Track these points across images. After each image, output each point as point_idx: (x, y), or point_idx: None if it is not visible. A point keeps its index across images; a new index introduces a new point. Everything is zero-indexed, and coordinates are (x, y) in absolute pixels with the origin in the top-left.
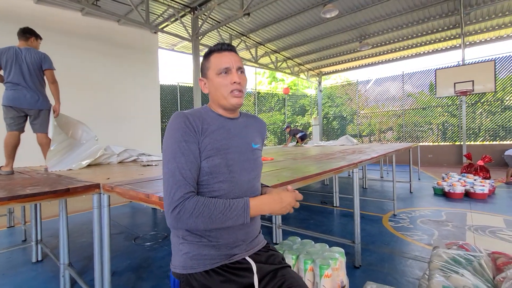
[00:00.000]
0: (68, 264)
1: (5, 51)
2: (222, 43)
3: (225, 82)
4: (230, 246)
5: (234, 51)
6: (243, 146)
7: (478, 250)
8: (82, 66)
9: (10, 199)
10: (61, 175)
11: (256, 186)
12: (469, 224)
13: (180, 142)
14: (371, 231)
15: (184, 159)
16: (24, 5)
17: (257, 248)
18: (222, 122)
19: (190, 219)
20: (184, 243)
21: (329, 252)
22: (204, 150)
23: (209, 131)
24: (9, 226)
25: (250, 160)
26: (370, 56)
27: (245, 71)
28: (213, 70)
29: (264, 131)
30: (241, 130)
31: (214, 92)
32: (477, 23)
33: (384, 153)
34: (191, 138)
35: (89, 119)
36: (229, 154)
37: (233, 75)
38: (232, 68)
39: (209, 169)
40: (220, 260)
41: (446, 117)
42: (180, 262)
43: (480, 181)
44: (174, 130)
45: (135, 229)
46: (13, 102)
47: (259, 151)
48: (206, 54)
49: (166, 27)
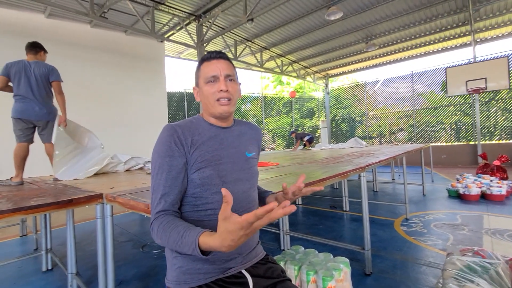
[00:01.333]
0: (75, 273)
1: (14, 64)
2: (212, 51)
3: (212, 90)
4: (225, 260)
5: (224, 58)
6: (236, 156)
7: (495, 256)
8: (91, 77)
9: (13, 211)
10: (67, 184)
11: (252, 196)
12: (486, 227)
13: (164, 158)
14: (383, 236)
15: (165, 175)
16: (35, 19)
17: (255, 261)
18: (214, 132)
19: (157, 238)
20: (178, 257)
21: (333, 262)
22: (194, 162)
23: (199, 143)
24: (22, 235)
25: (244, 170)
26: (377, 56)
27: (236, 78)
28: (202, 79)
29: (259, 138)
30: (234, 139)
31: (204, 101)
32: (487, 19)
33: (394, 156)
34: (176, 152)
35: (98, 127)
36: (221, 164)
37: (220, 83)
38: (220, 76)
39: (200, 181)
40: (214, 274)
41: (459, 116)
42: (173, 277)
43: (497, 182)
44: (160, 144)
45: (143, 237)
46: (21, 114)
47: (254, 159)
48: (198, 63)
49: (171, 35)
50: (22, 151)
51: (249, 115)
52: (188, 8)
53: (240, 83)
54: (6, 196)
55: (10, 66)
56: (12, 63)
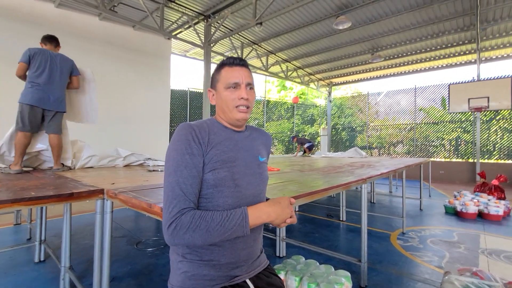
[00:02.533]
0: (69, 267)
1: (39, 53)
2: (235, 57)
3: (233, 97)
4: (231, 267)
5: (246, 66)
6: (249, 159)
7: (494, 279)
8: (96, 69)
9: (14, 201)
10: (68, 177)
11: (261, 201)
12: (483, 247)
13: (183, 155)
14: (378, 249)
15: (186, 172)
16: (45, 8)
17: (259, 270)
18: (229, 134)
19: (186, 233)
20: (184, 261)
21: (335, 275)
22: (209, 162)
23: (215, 142)
24: (16, 224)
25: (256, 174)
26: (381, 68)
27: (254, 87)
28: (222, 83)
29: (269, 145)
30: (247, 142)
31: (221, 105)
32: (494, 39)
33: (395, 169)
34: (195, 150)
35: (100, 119)
36: (235, 167)
37: (241, 91)
38: (242, 83)
39: (214, 181)
40: (220, 282)
41: (459, 132)
42: (178, 281)
43: (495, 201)
44: (178, 142)
45: (138, 234)
46: (38, 102)
47: (265, 164)
48: (218, 66)
49: (179, 33)
50: (27, 140)
51: (250, 118)
52: (198, 8)
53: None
54: (6, 185)
55: (34, 53)
56: (36, 51)
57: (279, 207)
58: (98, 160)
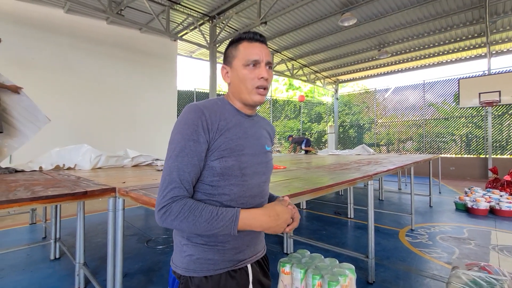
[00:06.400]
0: (83, 263)
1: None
2: (255, 32)
3: (252, 76)
4: (236, 251)
5: (266, 43)
6: (257, 147)
7: (502, 273)
8: (105, 72)
9: (32, 200)
10: (80, 176)
11: (266, 190)
12: (494, 243)
13: (188, 141)
14: (387, 246)
15: (187, 160)
16: (55, 14)
17: (260, 255)
18: (240, 119)
19: (175, 221)
20: (189, 244)
21: (339, 268)
22: (217, 149)
23: (225, 128)
24: (31, 223)
25: (262, 163)
26: (389, 64)
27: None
28: (240, 60)
29: (273, 135)
30: (256, 130)
31: (237, 84)
32: (504, 32)
33: (402, 165)
34: (201, 138)
35: (109, 122)
36: (243, 156)
37: (262, 70)
38: (262, 61)
39: (221, 170)
40: (223, 267)
41: (470, 128)
42: (183, 263)
43: (507, 197)
44: (185, 125)
45: (148, 232)
46: None
47: (271, 153)
48: (234, 40)
49: (185, 35)
50: None
51: None
52: (202, 9)
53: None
54: (23, 185)
55: None
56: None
57: (274, 219)
58: (107, 160)
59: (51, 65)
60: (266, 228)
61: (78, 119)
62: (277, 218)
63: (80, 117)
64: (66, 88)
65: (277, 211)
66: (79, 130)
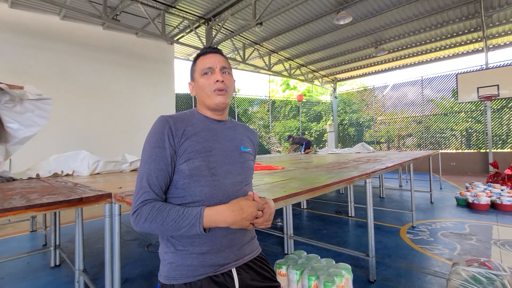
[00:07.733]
0: (83, 270)
1: None
2: (208, 46)
3: (209, 82)
4: (214, 255)
5: (219, 53)
6: (229, 148)
7: (502, 268)
8: (102, 77)
9: (27, 208)
10: (77, 183)
11: (244, 191)
12: (495, 238)
13: (154, 148)
14: (388, 244)
15: (154, 165)
16: (50, 21)
17: (249, 258)
18: (208, 124)
19: (145, 223)
20: (168, 252)
21: (335, 268)
22: (184, 152)
23: (191, 133)
24: (32, 231)
25: (236, 163)
26: (386, 61)
27: (231, 71)
28: (198, 72)
29: (256, 141)
30: (228, 132)
31: (200, 93)
32: (500, 25)
33: (401, 162)
34: (166, 144)
35: (107, 127)
36: (212, 156)
37: (216, 74)
38: (216, 68)
39: (189, 171)
40: (203, 272)
41: (470, 123)
42: (164, 272)
43: (508, 191)
44: (152, 134)
45: (149, 236)
46: None
47: (249, 155)
48: (194, 59)
49: (181, 38)
50: None
51: (256, 118)
52: (198, 12)
53: (235, 80)
54: (20, 193)
55: None
56: None
57: (238, 213)
58: (105, 165)
59: (48, 72)
60: (231, 223)
61: (76, 125)
62: (241, 212)
63: (78, 123)
64: (63, 95)
65: (241, 205)
66: (77, 136)
